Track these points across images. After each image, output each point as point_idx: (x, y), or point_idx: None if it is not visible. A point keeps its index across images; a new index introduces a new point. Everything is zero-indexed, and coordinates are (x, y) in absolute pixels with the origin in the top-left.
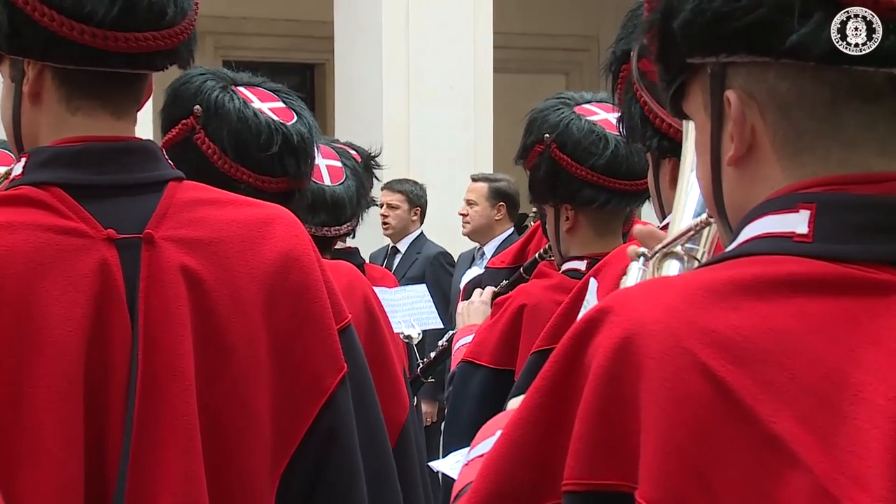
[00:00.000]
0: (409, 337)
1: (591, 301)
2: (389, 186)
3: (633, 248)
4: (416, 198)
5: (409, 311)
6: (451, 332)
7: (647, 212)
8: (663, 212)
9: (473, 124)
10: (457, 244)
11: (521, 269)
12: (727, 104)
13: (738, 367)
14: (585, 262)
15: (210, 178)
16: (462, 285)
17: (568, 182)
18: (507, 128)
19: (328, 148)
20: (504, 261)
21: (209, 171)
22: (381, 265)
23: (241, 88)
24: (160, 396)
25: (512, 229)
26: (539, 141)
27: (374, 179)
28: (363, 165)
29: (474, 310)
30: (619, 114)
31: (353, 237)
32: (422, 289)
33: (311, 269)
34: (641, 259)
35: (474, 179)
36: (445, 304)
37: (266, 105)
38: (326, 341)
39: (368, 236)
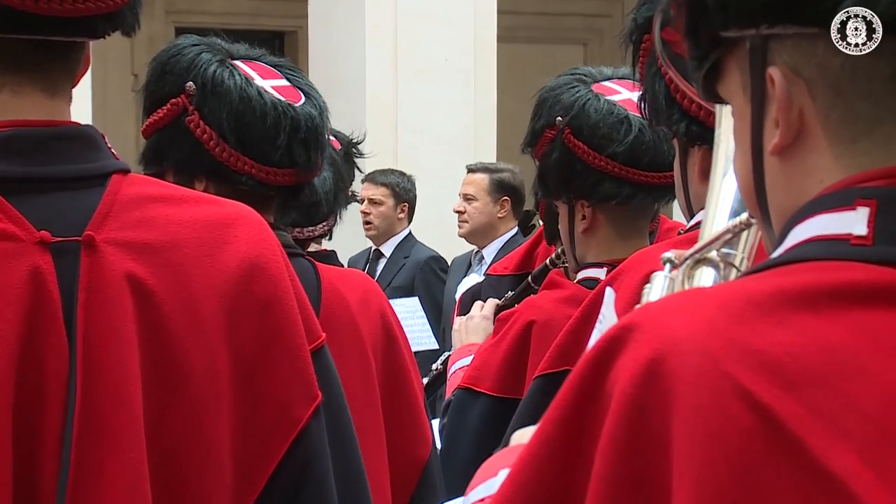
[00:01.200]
0: None
1: (606, 315)
2: (372, 178)
3: (665, 254)
4: (403, 192)
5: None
6: (446, 354)
7: (679, 210)
8: (691, 209)
9: (473, 105)
10: (451, 247)
11: (529, 278)
12: (770, 84)
13: (787, 392)
14: (605, 269)
15: (204, 169)
16: (458, 296)
17: (584, 174)
18: (513, 109)
19: None
20: (508, 267)
21: (203, 161)
22: (363, 270)
23: (239, 63)
24: (102, 430)
25: (516, 229)
26: (550, 125)
27: (356, 170)
28: (342, 154)
29: (473, 326)
30: (642, 92)
31: (330, 239)
32: (413, 303)
33: (280, 280)
34: (668, 267)
35: (472, 170)
36: (438, 318)
37: (269, 83)
38: (298, 365)
39: (347, 238)
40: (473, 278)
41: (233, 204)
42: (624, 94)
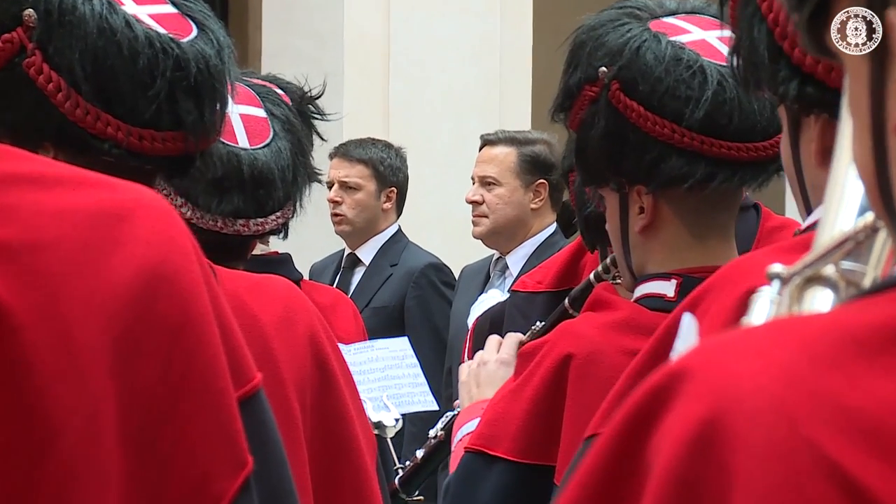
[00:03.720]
0: (379, 425)
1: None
2: (345, 152)
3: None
4: (389, 171)
5: (379, 381)
6: (449, 415)
7: (792, 206)
8: (808, 203)
9: (499, 46)
10: (461, 251)
11: (567, 301)
12: (893, 33)
13: (893, 466)
14: (674, 282)
15: (51, 133)
16: (470, 323)
17: (640, 147)
18: (546, 55)
19: (242, 86)
20: (542, 282)
21: (49, 121)
22: (331, 284)
23: None
24: None
25: (554, 227)
26: (590, 79)
27: (318, 138)
28: (295, 112)
29: (488, 375)
30: (730, 36)
31: (284, 237)
32: (401, 344)
33: (195, 296)
34: (776, 285)
35: (492, 142)
36: (440, 356)
37: (144, 9)
38: (220, 418)
39: (308, 235)
40: (492, 297)
41: (129, 187)
42: (695, 34)
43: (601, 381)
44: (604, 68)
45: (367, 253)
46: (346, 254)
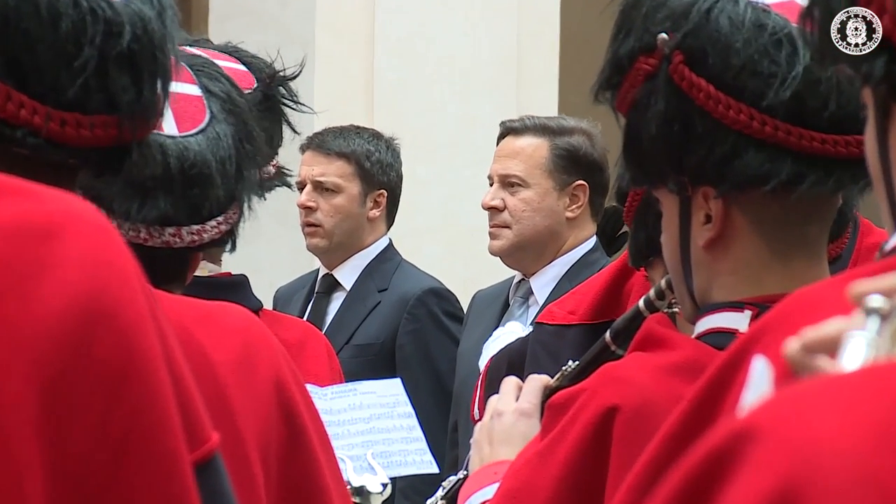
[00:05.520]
0: (361, 492)
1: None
2: (319, 144)
3: (857, 288)
4: (377, 169)
5: (363, 434)
6: (452, 480)
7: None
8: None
9: (517, 6)
10: (469, 272)
11: (609, 335)
12: None
13: None
14: (749, 313)
15: None
16: (483, 365)
17: (710, 137)
18: (580, 16)
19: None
20: (576, 311)
21: None
22: (301, 316)
23: None
24: None
25: (594, 241)
26: (646, 49)
27: (289, 129)
28: (258, 96)
29: (504, 430)
30: (808, 2)
31: (233, 249)
32: (392, 388)
33: (139, 336)
34: (875, 320)
35: (515, 130)
36: (444, 406)
37: None
38: (170, 490)
39: (271, 251)
40: (512, 332)
41: (56, 197)
42: None
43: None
44: (664, 35)
45: (348, 274)
46: (320, 275)
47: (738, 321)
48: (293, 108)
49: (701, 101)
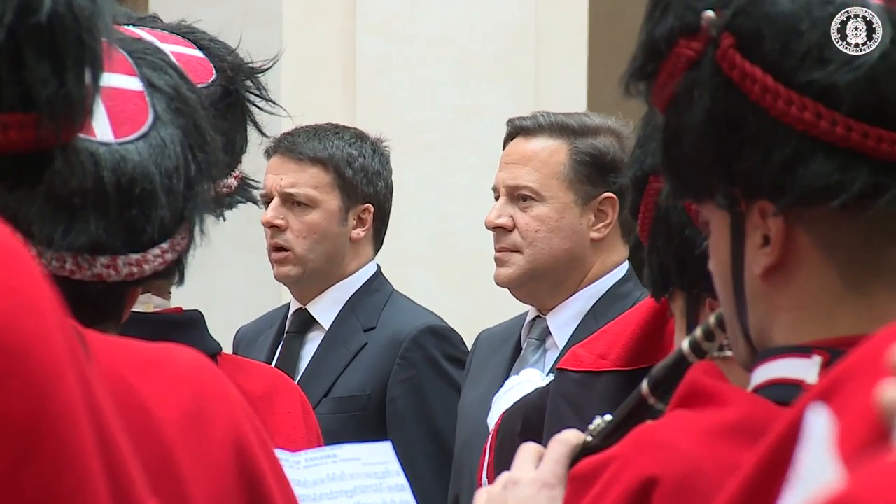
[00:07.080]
0: None
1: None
2: (291, 147)
3: None
4: (362, 178)
5: None
6: None
7: None
8: None
9: None
10: (473, 307)
11: (646, 385)
12: None
13: None
14: (818, 360)
15: None
16: (492, 422)
17: (766, 140)
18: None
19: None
20: (607, 355)
21: None
22: (269, 362)
23: None
24: None
25: (625, 268)
26: (688, 30)
27: (256, 131)
28: (217, 91)
29: (519, 501)
30: None
31: (181, 282)
32: (380, 453)
33: (53, 383)
34: None
35: (525, 131)
36: (443, 468)
37: None
38: None
39: (231, 282)
40: (527, 381)
41: None
42: None
43: None
44: (710, 13)
45: (326, 310)
46: (291, 311)
47: (805, 370)
48: (261, 108)
49: (756, 94)
